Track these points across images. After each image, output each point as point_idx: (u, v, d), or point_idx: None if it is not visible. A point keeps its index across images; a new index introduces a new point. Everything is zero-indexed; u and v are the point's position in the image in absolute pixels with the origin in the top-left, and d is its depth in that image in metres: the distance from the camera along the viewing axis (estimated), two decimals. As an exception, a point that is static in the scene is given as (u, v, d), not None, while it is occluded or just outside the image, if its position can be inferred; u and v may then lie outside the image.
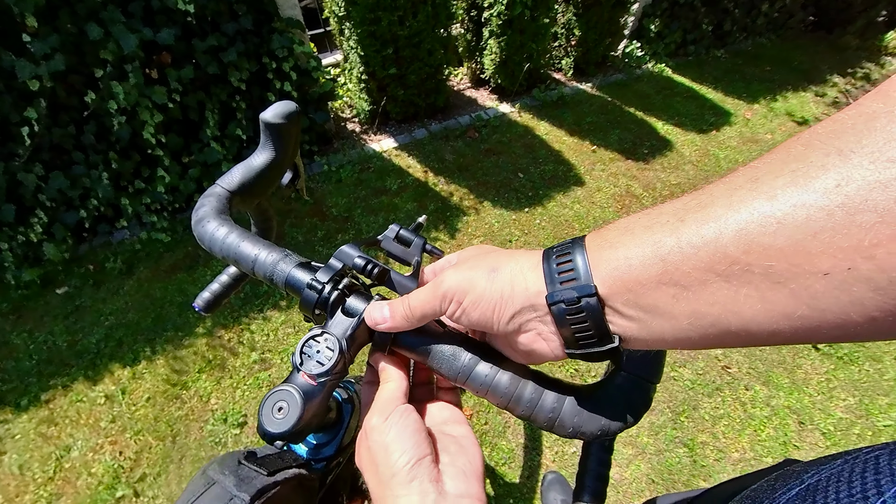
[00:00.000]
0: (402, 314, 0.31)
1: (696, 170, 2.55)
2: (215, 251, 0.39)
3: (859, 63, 3.69)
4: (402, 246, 0.40)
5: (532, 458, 1.45)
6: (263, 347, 1.75)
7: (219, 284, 0.62)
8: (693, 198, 0.21)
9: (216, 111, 1.98)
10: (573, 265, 0.24)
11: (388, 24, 2.09)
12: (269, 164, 0.47)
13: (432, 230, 2.13)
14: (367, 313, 0.32)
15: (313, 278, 0.34)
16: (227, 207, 0.44)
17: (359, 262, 0.36)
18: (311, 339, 0.33)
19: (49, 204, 1.89)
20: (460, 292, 0.27)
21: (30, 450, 1.50)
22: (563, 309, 0.23)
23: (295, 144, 0.49)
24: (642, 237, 0.21)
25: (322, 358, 0.32)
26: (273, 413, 0.30)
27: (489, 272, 0.26)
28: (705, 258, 0.19)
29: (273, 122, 0.43)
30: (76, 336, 1.80)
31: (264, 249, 0.37)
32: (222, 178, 0.45)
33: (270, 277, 0.37)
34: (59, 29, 1.60)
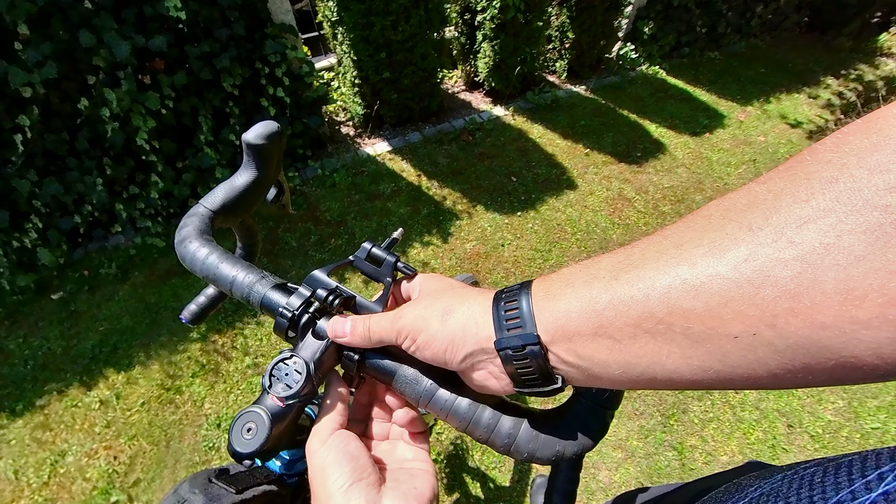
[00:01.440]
0: (362, 334, 0.32)
1: (688, 173, 2.56)
2: (196, 271, 0.41)
3: (853, 64, 3.70)
4: (375, 265, 0.41)
5: (520, 463, 1.46)
6: (257, 352, 1.76)
7: (205, 297, 0.63)
8: (627, 255, 0.23)
9: (209, 116, 1.99)
10: (519, 313, 0.25)
11: (380, 29, 2.10)
12: (251, 183, 0.48)
13: (425, 234, 2.14)
14: (329, 325, 0.34)
15: (285, 305, 0.36)
16: (209, 227, 0.45)
17: (320, 293, 0.37)
18: (281, 361, 0.34)
19: (43, 209, 1.90)
20: (415, 330, 0.29)
21: (25, 455, 1.51)
22: (510, 354, 0.25)
23: (277, 163, 0.51)
24: (581, 291, 0.23)
25: (290, 381, 0.33)
26: (242, 433, 0.31)
27: (442, 314, 0.28)
28: (635, 316, 0.20)
29: (255, 143, 0.44)
30: (71, 341, 1.81)
31: (242, 271, 0.39)
32: (205, 198, 0.47)
33: (247, 298, 0.38)
34: (52, 36, 1.61)
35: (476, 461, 1.45)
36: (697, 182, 2.51)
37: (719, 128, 2.90)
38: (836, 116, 3.12)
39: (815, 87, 3.38)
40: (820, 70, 3.58)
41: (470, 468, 1.44)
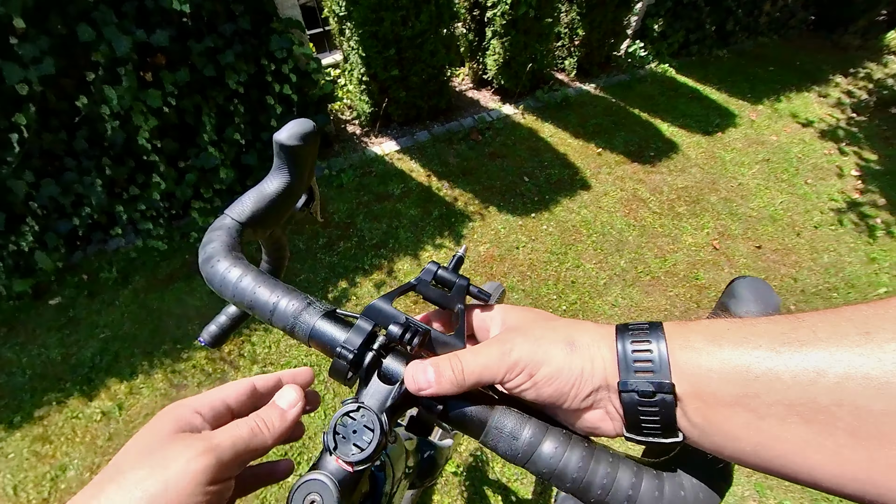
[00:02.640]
0: (451, 379, 0.27)
1: (702, 173, 2.52)
2: (226, 295, 0.34)
3: (861, 63, 3.67)
4: (442, 289, 0.35)
5: (545, 474, 1.41)
6: (266, 360, 1.69)
7: (226, 317, 0.57)
8: (793, 327, 0.20)
9: (213, 115, 1.92)
10: (651, 356, 0.23)
11: (390, 25, 2.04)
12: (283, 190, 0.42)
13: (437, 237, 2.09)
14: (407, 375, 0.28)
15: (343, 343, 0.30)
16: (238, 242, 0.39)
17: (394, 331, 0.31)
18: (346, 415, 0.28)
19: (40, 212, 1.83)
20: (534, 364, 0.25)
21: (24, 469, 1.44)
22: (635, 399, 0.23)
23: (311, 167, 0.44)
24: (729, 354, 0.21)
25: (360, 440, 0.27)
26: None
27: (567, 346, 0.25)
28: (792, 398, 0.19)
29: (288, 143, 0.37)
30: (70, 349, 1.74)
31: (284, 296, 0.33)
32: (231, 208, 0.40)
33: (291, 329, 0.32)
34: (49, 31, 1.53)
35: (497, 473, 1.40)
36: (712, 182, 2.46)
37: (731, 127, 2.86)
38: (847, 115, 3.09)
39: (825, 86, 3.35)
40: (828, 68, 3.55)
41: (491, 481, 1.39)
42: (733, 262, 2.07)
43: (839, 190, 2.49)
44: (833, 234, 2.25)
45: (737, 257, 2.09)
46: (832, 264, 2.11)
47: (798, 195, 2.44)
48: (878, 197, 2.46)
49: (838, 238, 2.23)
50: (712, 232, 2.20)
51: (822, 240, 2.22)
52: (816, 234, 2.25)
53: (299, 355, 1.70)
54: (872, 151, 2.76)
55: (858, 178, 2.58)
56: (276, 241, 0.54)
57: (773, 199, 2.40)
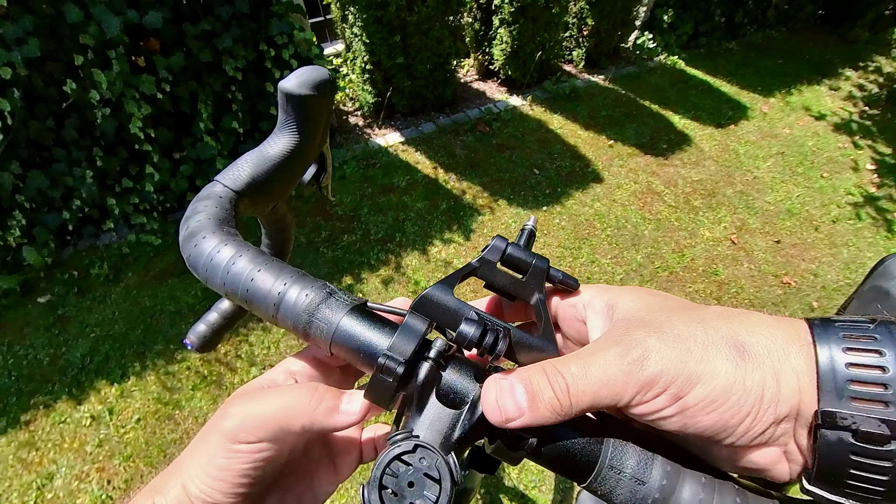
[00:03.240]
0: (552, 403, 0.18)
1: (717, 165, 2.45)
2: (214, 283, 0.25)
3: (870, 56, 3.62)
4: (513, 273, 0.26)
5: (563, 481, 1.33)
6: (264, 362, 1.61)
7: (218, 314, 0.45)
8: None
9: (210, 102, 1.83)
10: (886, 375, 0.15)
11: (395, 10, 1.95)
12: (290, 152, 0.32)
13: (446, 231, 2.00)
14: (486, 398, 0.19)
15: (388, 354, 0.21)
16: (231, 216, 0.29)
17: (467, 332, 0.21)
18: (398, 459, 0.19)
19: (28, 205, 1.73)
20: (683, 381, 0.17)
21: (8, 478, 1.36)
22: (847, 443, 0.15)
23: (325, 127, 0.35)
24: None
25: (420, 494, 0.18)
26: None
27: (736, 352, 0.17)
28: None
29: (297, 93, 0.28)
30: (59, 349, 1.65)
31: (295, 283, 0.24)
32: (224, 174, 0.30)
33: (305, 330, 0.23)
34: (34, 10, 1.44)
35: (514, 480, 1.32)
36: (727, 175, 2.39)
37: (744, 119, 2.79)
38: (859, 109, 3.03)
39: (835, 79, 3.29)
40: (838, 62, 3.50)
41: (507, 488, 1.31)
42: (752, 256, 2.00)
43: (855, 184, 2.43)
44: (851, 228, 2.19)
45: (756, 252, 2.02)
46: (852, 259, 2.05)
47: (814, 189, 2.38)
48: (895, 191, 2.40)
49: (857, 232, 2.17)
50: (730, 226, 2.12)
51: (840, 234, 2.16)
52: (835, 228, 2.18)
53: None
54: (887, 145, 2.70)
55: (874, 171, 2.52)
56: (279, 218, 0.44)
57: (789, 193, 2.33)
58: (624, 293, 0.22)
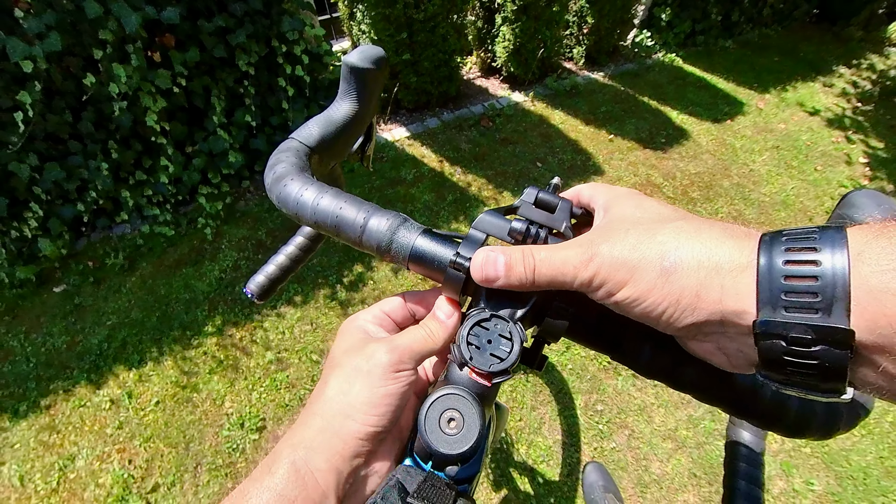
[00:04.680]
0: (520, 274, 0.24)
1: (714, 159, 2.51)
2: (304, 216, 0.31)
3: (864, 54, 3.69)
4: (545, 212, 0.32)
5: (571, 455, 1.38)
6: (279, 346, 1.65)
7: (275, 266, 0.52)
8: None
9: (223, 97, 1.87)
10: (819, 279, 0.16)
11: (402, 7, 2.00)
12: (351, 117, 0.38)
13: (453, 222, 2.05)
14: (474, 264, 0.25)
15: (457, 253, 0.27)
16: (307, 164, 0.35)
17: (518, 226, 0.28)
18: (477, 324, 0.25)
19: (44, 197, 1.77)
20: (614, 281, 0.21)
21: (31, 459, 1.39)
22: (781, 347, 0.16)
23: (378, 96, 0.41)
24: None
25: (497, 349, 0.24)
26: (443, 427, 0.23)
27: (662, 270, 0.19)
28: None
29: (360, 66, 0.35)
30: (76, 337, 1.68)
31: (375, 213, 0.29)
32: (297, 132, 0.37)
33: (388, 248, 0.29)
34: (55, 5, 1.48)
35: (522, 455, 1.37)
36: (724, 168, 2.45)
37: (740, 115, 2.86)
38: (852, 105, 3.10)
39: (829, 76, 3.36)
40: (832, 59, 3.57)
41: (516, 462, 1.36)
42: (749, 246, 2.06)
43: (848, 176, 2.49)
44: (845, 219, 2.25)
45: (752, 241, 2.08)
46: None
47: (809, 181, 2.44)
48: (886, 183, 2.47)
49: (850, 223, 2.23)
50: (726, 217, 2.18)
51: (834, 225, 2.22)
52: (829, 219, 2.24)
53: (315, 341, 1.66)
54: (879, 140, 2.77)
55: (866, 165, 2.59)
56: (335, 178, 0.51)
57: (784, 186, 2.40)
58: (620, 198, 0.25)
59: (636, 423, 1.46)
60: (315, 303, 1.77)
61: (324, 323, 1.72)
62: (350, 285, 1.82)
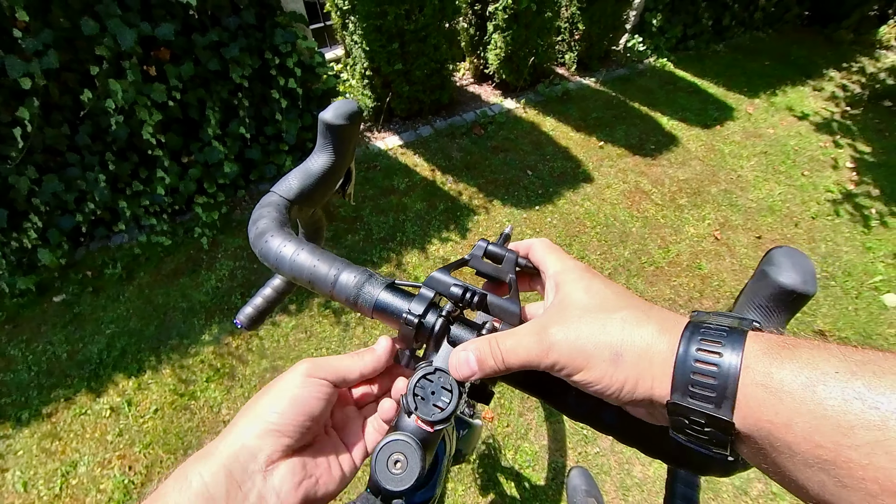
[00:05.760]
0: (492, 366, 0.27)
1: (702, 165, 2.55)
2: (283, 270, 0.35)
3: (854, 57, 3.72)
4: (493, 263, 0.36)
5: (556, 460, 1.43)
6: (274, 354, 1.70)
7: (262, 298, 0.57)
8: None
9: (217, 109, 1.91)
10: (717, 371, 0.20)
11: (394, 19, 2.04)
12: (328, 168, 0.42)
13: (443, 230, 2.09)
14: (451, 367, 0.29)
15: (408, 311, 0.31)
16: (287, 218, 0.40)
17: (455, 291, 0.32)
18: (423, 378, 0.29)
19: (43, 208, 1.81)
20: (572, 367, 0.25)
21: (33, 466, 1.44)
22: (685, 423, 0.21)
23: (353, 147, 0.45)
24: (831, 402, 0.17)
25: (439, 400, 0.28)
26: (389, 468, 0.27)
27: (612, 359, 0.23)
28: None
29: (335, 123, 0.38)
30: (76, 346, 1.73)
31: (344, 269, 0.34)
32: (278, 185, 0.41)
33: (353, 301, 0.33)
34: (52, 24, 1.52)
35: (509, 460, 1.42)
36: (712, 174, 2.50)
37: (729, 120, 2.89)
38: (841, 109, 3.13)
39: (819, 80, 3.40)
40: (822, 63, 3.60)
41: (504, 468, 1.41)
42: (734, 251, 2.10)
43: (835, 181, 2.53)
44: (830, 224, 2.29)
45: (738, 247, 2.12)
46: (829, 253, 2.14)
47: (796, 186, 2.48)
48: (872, 188, 2.51)
49: (835, 228, 2.27)
50: (713, 223, 2.23)
51: (819, 230, 2.26)
52: (814, 224, 2.28)
53: (308, 349, 1.70)
54: (866, 144, 2.81)
55: (853, 169, 2.63)
56: (315, 221, 0.55)
57: (771, 191, 2.44)
58: (570, 278, 0.29)
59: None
60: (309, 311, 1.81)
61: (318, 331, 1.76)
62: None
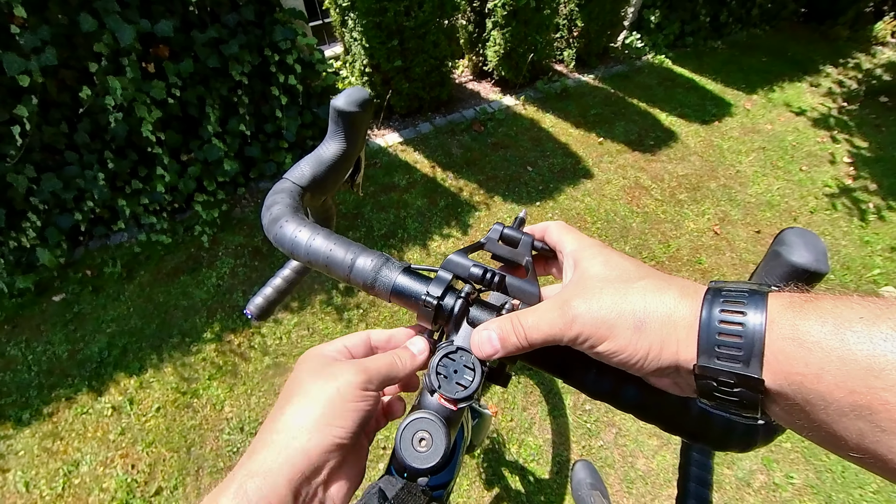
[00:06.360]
0: (515, 343, 0.27)
1: (701, 161, 2.56)
2: (299, 255, 0.35)
3: (850, 53, 3.75)
4: (509, 247, 0.36)
5: (560, 453, 1.43)
6: (276, 351, 1.69)
7: (272, 289, 0.57)
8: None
9: (217, 106, 1.90)
10: (743, 330, 0.20)
11: (393, 15, 2.03)
12: (340, 156, 0.42)
13: (444, 227, 2.10)
14: (473, 345, 0.29)
15: (427, 293, 0.31)
16: (300, 204, 0.39)
17: (475, 272, 0.32)
18: (446, 356, 0.29)
19: (42, 207, 1.80)
20: (596, 337, 0.25)
21: (35, 466, 1.43)
22: (712, 386, 0.21)
23: (364, 134, 0.45)
24: (860, 348, 0.17)
25: (462, 378, 0.28)
26: (415, 445, 0.27)
27: (636, 324, 0.23)
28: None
29: (347, 109, 0.38)
30: (77, 345, 1.72)
31: (361, 253, 0.33)
32: (290, 172, 0.41)
33: (371, 285, 0.33)
34: (50, 20, 1.50)
35: (514, 454, 1.42)
36: (711, 170, 2.51)
37: (727, 116, 2.91)
38: (838, 104, 3.16)
39: (816, 76, 3.42)
40: (819, 59, 3.62)
41: (508, 462, 1.41)
42: (734, 246, 2.11)
43: (832, 176, 2.55)
44: (828, 218, 2.31)
45: (737, 241, 2.13)
46: (828, 248, 2.12)
47: (794, 182, 2.50)
48: (870, 182, 2.53)
49: (833, 222, 2.29)
50: (713, 218, 2.24)
51: (817, 224, 2.27)
52: (812, 218, 2.30)
53: (311, 345, 1.69)
54: (863, 139, 2.83)
55: (850, 164, 2.64)
56: (326, 209, 0.55)
57: (770, 186, 2.45)
58: (588, 253, 0.29)
59: (623, 422, 1.52)
60: (311, 308, 1.81)
61: (320, 328, 1.76)
62: (346, 291, 1.86)
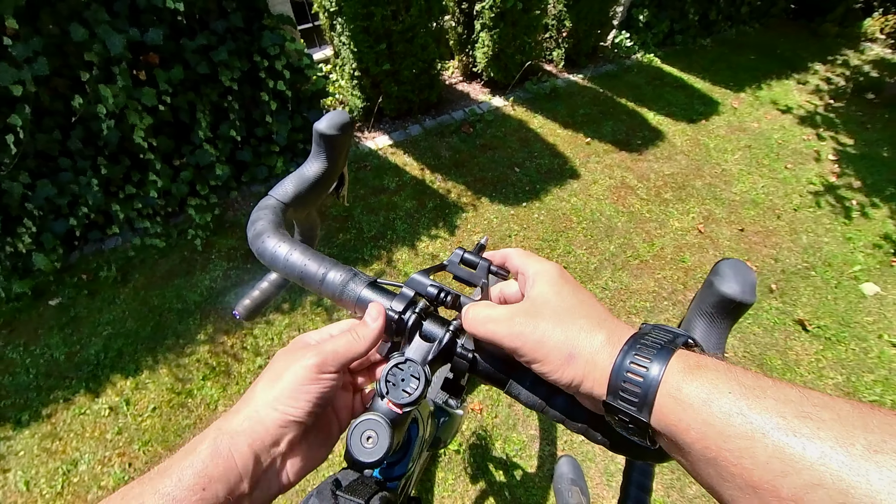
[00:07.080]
0: (472, 324, 0.32)
1: (687, 160, 2.60)
2: (277, 268, 0.39)
3: (839, 50, 3.78)
4: (468, 269, 0.40)
5: (544, 448, 1.48)
6: (268, 352, 1.73)
7: (259, 291, 0.61)
8: (799, 408, 0.20)
9: (207, 112, 1.93)
10: (642, 382, 0.24)
11: (381, 19, 2.06)
12: (321, 174, 0.46)
13: (432, 228, 2.13)
14: (467, 315, 0.32)
15: (390, 308, 0.35)
16: (282, 220, 0.43)
17: (431, 291, 0.36)
18: (395, 367, 0.33)
19: (37, 213, 1.83)
20: (534, 358, 0.29)
21: (35, 465, 1.47)
22: (615, 419, 0.26)
23: (346, 154, 0.49)
24: (722, 412, 0.21)
25: (408, 387, 0.32)
26: (362, 442, 0.31)
27: (566, 358, 0.28)
28: (761, 477, 0.19)
29: (328, 133, 0.42)
30: (74, 348, 1.76)
31: (332, 268, 0.38)
32: (275, 189, 0.45)
33: (339, 297, 0.37)
34: (42, 30, 1.53)
35: (499, 450, 1.47)
36: (696, 169, 2.54)
37: (714, 115, 2.94)
38: (825, 102, 3.19)
39: (804, 73, 3.45)
40: (808, 56, 3.65)
41: (493, 457, 1.46)
42: (717, 244, 2.16)
43: (817, 174, 2.58)
44: (811, 216, 2.35)
45: (721, 240, 2.18)
46: (810, 244, 2.20)
47: (778, 179, 2.53)
48: (854, 180, 2.56)
49: (816, 220, 2.33)
50: (697, 216, 2.28)
51: (801, 222, 2.31)
52: (796, 216, 2.34)
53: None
54: (849, 136, 2.86)
55: (835, 161, 2.68)
56: (310, 220, 0.59)
57: (755, 184, 2.49)
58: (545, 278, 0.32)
59: (604, 417, 1.56)
60: (302, 309, 1.85)
61: (311, 329, 1.79)
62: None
